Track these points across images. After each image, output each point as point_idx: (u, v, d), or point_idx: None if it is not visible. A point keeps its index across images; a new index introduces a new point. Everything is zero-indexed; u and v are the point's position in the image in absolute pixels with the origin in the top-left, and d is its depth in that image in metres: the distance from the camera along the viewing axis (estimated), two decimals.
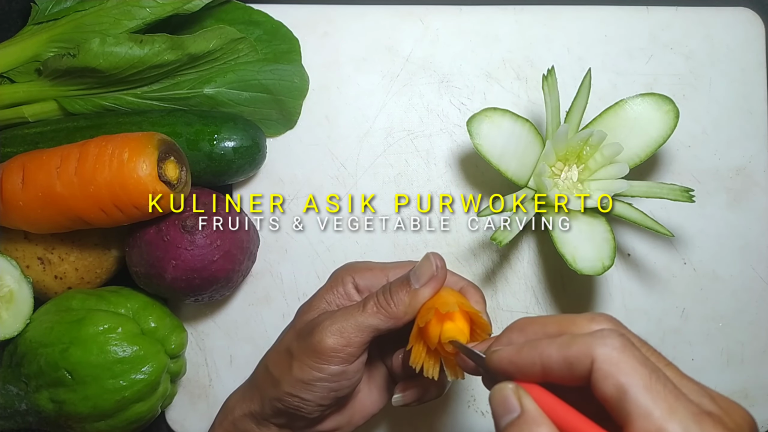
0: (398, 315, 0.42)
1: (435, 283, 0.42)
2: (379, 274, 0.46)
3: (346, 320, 0.42)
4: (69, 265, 0.52)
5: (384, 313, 0.42)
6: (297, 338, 0.44)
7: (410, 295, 0.42)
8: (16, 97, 0.52)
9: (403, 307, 0.42)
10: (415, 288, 0.42)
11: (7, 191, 0.48)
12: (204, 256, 0.49)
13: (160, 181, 0.47)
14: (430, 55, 0.57)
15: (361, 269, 0.47)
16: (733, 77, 0.57)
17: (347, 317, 0.42)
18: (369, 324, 0.42)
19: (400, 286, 0.42)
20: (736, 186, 0.57)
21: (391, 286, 0.43)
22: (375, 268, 0.47)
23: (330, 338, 0.42)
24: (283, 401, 0.43)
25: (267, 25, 0.55)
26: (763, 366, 0.56)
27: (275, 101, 0.55)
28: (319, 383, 0.42)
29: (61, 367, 0.46)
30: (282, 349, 0.45)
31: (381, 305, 0.42)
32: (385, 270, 0.46)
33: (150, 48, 0.49)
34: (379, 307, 0.42)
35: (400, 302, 0.42)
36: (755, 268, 0.57)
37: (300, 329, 0.45)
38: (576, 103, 0.52)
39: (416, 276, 0.42)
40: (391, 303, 0.42)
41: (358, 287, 0.46)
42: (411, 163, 0.57)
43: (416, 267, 0.43)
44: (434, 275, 0.42)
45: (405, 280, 0.43)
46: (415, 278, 0.42)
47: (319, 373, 0.42)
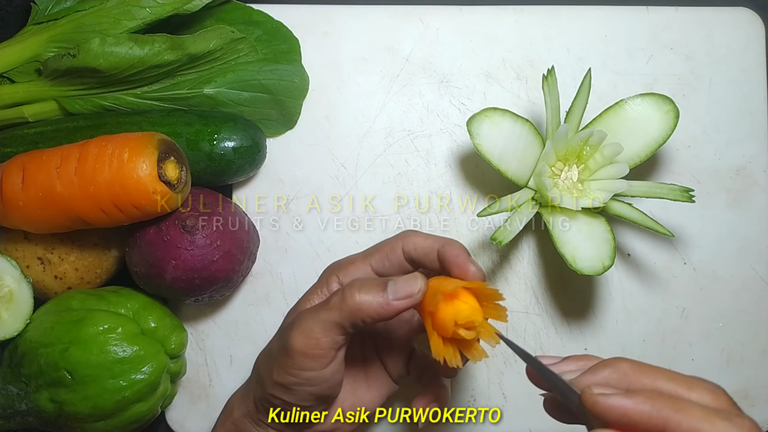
0: (362, 315, 0.40)
1: (408, 303, 0.40)
2: (362, 266, 0.45)
3: (312, 319, 0.41)
4: (69, 265, 0.52)
5: (347, 310, 0.40)
6: (278, 340, 0.44)
7: (381, 305, 0.40)
8: (16, 97, 0.52)
9: (369, 309, 0.39)
10: (388, 298, 0.40)
11: (7, 191, 0.48)
12: (204, 256, 0.49)
13: (160, 181, 0.47)
14: (430, 55, 0.57)
15: (344, 265, 0.46)
16: (733, 77, 0.57)
17: (313, 316, 0.41)
18: (333, 321, 0.40)
19: (373, 288, 0.40)
20: (736, 186, 0.57)
21: (362, 285, 0.40)
22: (356, 260, 0.45)
23: (297, 340, 0.40)
24: (269, 401, 0.43)
25: (267, 25, 0.55)
26: (763, 366, 0.56)
27: (275, 101, 0.55)
28: (296, 387, 0.42)
29: (61, 367, 0.46)
30: (267, 351, 0.45)
31: (346, 301, 0.40)
32: (366, 259, 0.45)
33: (150, 48, 0.49)
34: (344, 303, 0.40)
35: (366, 303, 0.40)
36: (755, 268, 0.57)
37: (281, 331, 0.44)
38: (576, 103, 0.52)
39: (394, 288, 0.40)
40: (356, 299, 0.40)
41: (343, 284, 0.44)
42: (411, 163, 0.57)
43: (398, 280, 0.40)
44: (412, 297, 0.40)
45: (381, 285, 0.40)
46: (392, 289, 0.40)
47: (294, 378, 0.41)
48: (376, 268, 0.45)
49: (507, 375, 0.55)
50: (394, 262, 0.44)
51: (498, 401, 0.55)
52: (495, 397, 0.55)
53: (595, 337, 0.56)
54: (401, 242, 0.44)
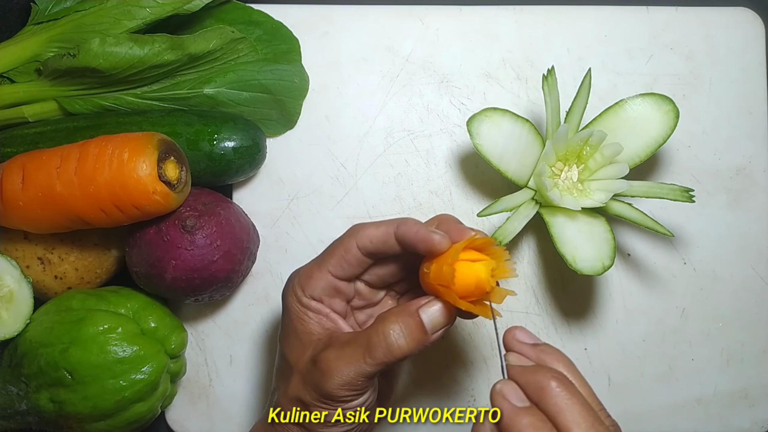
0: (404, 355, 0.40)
1: (444, 333, 0.41)
2: (321, 276, 0.43)
3: (352, 369, 0.40)
4: (69, 265, 0.52)
5: (392, 357, 0.40)
6: (304, 386, 0.42)
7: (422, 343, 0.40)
8: (16, 97, 0.52)
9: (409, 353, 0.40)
10: (428, 336, 0.40)
11: (7, 191, 0.48)
12: (204, 256, 0.49)
13: (160, 181, 0.47)
14: (430, 55, 0.57)
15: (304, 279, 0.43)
16: (733, 77, 0.57)
17: (353, 365, 0.40)
18: (377, 370, 0.40)
19: (414, 330, 0.40)
20: (736, 186, 0.57)
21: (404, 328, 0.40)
22: (313, 271, 0.43)
23: (340, 391, 0.41)
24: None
25: (267, 25, 0.55)
26: (763, 366, 0.56)
27: (275, 101, 0.55)
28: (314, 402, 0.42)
29: (61, 367, 0.46)
30: (293, 397, 0.43)
31: (392, 353, 0.40)
32: (323, 267, 0.43)
33: (150, 48, 0.49)
34: (389, 354, 0.40)
35: (408, 351, 0.40)
36: (755, 268, 0.57)
37: (304, 375, 0.43)
38: (576, 103, 0.52)
39: (431, 322, 0.40)
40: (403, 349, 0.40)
41: (314, 297, 0.43)
42: (411, 163, 0.57)
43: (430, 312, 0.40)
44: (448, 326, 0.41)
45: (419, 326, 0.40)
46: (431, 326, 0.40)
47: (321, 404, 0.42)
48: (336, 273, 0.43)
49: None
50: (352, 261, 0.42)
51: None
52: None
53: (595, 337, 0.56)
54: (353, 239, 0.42)
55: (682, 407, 0.55)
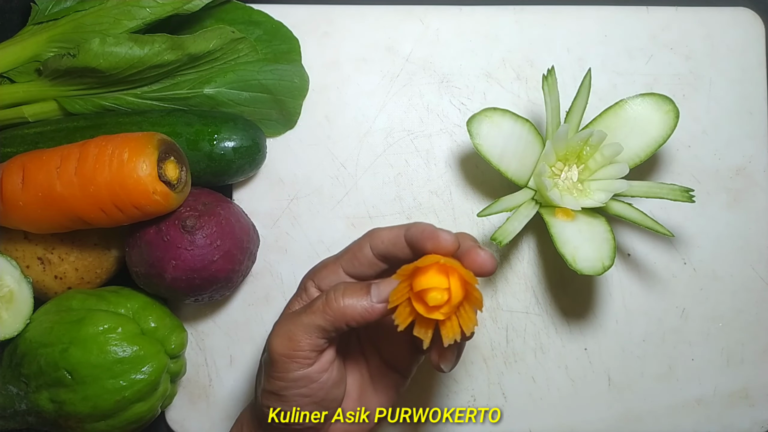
0: (347, 319, 0.40)
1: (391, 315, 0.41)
2: (333, 269, 0.45)
3: (292, 323, 0.41)
4: (69, 265, 0.52)
5: (330, 314, 0.41)
6: (265, 350, 0.44)
7: (366, 308, 0.40)
8: (16, 97, 0.52)
9: (354, 313, 0.40)
10: (372, 302, 0.41)
11: (7, 191, 0.48)
12: (204, 256, 0.49)
13: (160, 181, 0.47)
14: (430, 55, 0.57)
15: (318, 270, 0.45)
16: (733, 77, 0.57)
17: (294, 319, 0.41)
18: (316, 324, 0.41)
19: (357, 292, 0.41)
20: (736, 186, 0.57)
21: (346, 289, 0.41)
22: (329, 264, 0.45)
23: (278, 343, 0.41)
24: (263, 412, 0.43)
25: (267, 25, 0.55)
26: (763, 366, 0.56)
27: (275, 101, 0.55)
28: (286, 392, 0.41)
29: (61, 367, 0.46)
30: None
31: (330, 305, 0.41)
32: (337, 262, 0.45)
33: (150, 48, 0.49)
34: (327, 306, 0.41)
35: (350, 307, 0.40)
36: (755, 268, 0.57)
37: (267, 341, 0.44)
38: (576, 103, 0.52)
39: (378, 291, 0.41)
40: (340, 303, 0.41)
41: (320, 288, 0.45)
42: (411, 163, 0.57)
43: (381, 283, 0.41)
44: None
45: (364, 288, 0.41)
46: (375, 293, 0.41)
47: (280, 382, 0.41)
48: (346, 269, 0.44)
49: (507, 375, 0.55)
50: (362, 261, 0.44)
51: (498, 401, 0.55)
52: (495, 397, 0.55)
53: (595, 337, 0.56)
54: (368, 241, 0.44)
55: (682, 407, 0.55)
